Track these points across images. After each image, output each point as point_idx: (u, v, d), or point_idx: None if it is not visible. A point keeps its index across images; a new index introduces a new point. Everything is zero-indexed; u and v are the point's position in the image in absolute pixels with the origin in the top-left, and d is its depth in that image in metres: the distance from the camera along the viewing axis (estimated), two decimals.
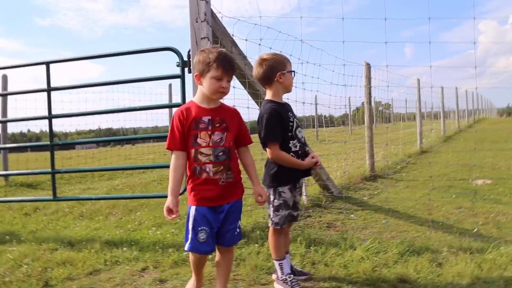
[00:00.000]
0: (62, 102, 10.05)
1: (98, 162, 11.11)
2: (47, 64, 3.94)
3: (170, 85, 11.60)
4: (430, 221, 3.76)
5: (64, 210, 5.11)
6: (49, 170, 4.13)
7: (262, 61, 2.51)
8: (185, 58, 3.54)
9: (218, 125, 2.12)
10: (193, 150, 2.08)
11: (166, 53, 3.58)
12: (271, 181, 2.50)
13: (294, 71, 2.58)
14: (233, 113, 2.24)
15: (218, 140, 2.10)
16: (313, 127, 16.78)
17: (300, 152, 2.51)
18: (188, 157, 2.11)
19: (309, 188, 4.92)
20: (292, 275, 2.54)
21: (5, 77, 8.11)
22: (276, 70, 2.48)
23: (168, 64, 3.50)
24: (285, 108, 2.56)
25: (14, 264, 3.13)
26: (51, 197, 4.16)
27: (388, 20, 3.70)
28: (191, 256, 2.24)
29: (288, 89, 2.59)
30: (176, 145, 2.09)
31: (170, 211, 2.03)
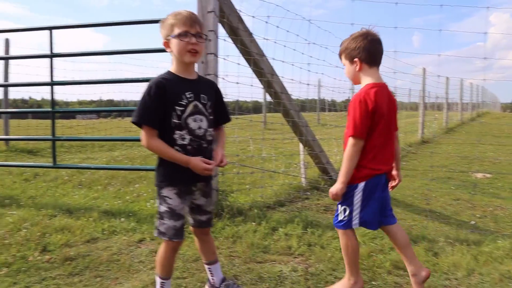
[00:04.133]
0: (64, 70, 9.97)
1: (98, 133, 11.07)
2: (50, 29, 3.87)
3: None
4: (427, 210, 3.76)
5: (64, 178, 5.13)
6: (50, 137, 4.12)
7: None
8: None
9: None
10: None
11: None
12: (155, 181, 1.95)
13: (184, 33, 1.81)
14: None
15: None
16: (315, 110, 16.69)
17: (191, 147, 1.87)
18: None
19: (309, 170, 4.91)
20: None
21: (7, 41, 8.03)
22: (164, 36, 1.89)
23: None
24: (183, 86, 1.89)
25: (14, 227, 3.15)
26: (51, 164, 4.17)
27: (398, 6, 3.63)
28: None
29: (181, 59, 1.87)
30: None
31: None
